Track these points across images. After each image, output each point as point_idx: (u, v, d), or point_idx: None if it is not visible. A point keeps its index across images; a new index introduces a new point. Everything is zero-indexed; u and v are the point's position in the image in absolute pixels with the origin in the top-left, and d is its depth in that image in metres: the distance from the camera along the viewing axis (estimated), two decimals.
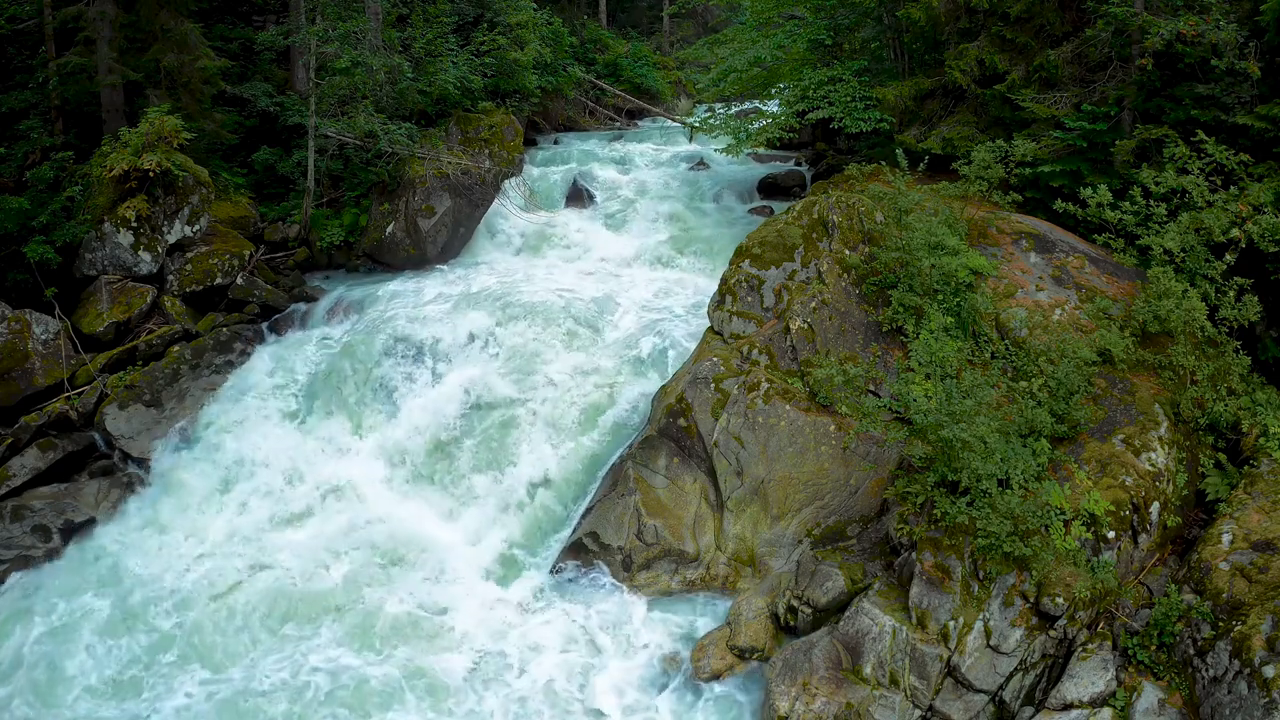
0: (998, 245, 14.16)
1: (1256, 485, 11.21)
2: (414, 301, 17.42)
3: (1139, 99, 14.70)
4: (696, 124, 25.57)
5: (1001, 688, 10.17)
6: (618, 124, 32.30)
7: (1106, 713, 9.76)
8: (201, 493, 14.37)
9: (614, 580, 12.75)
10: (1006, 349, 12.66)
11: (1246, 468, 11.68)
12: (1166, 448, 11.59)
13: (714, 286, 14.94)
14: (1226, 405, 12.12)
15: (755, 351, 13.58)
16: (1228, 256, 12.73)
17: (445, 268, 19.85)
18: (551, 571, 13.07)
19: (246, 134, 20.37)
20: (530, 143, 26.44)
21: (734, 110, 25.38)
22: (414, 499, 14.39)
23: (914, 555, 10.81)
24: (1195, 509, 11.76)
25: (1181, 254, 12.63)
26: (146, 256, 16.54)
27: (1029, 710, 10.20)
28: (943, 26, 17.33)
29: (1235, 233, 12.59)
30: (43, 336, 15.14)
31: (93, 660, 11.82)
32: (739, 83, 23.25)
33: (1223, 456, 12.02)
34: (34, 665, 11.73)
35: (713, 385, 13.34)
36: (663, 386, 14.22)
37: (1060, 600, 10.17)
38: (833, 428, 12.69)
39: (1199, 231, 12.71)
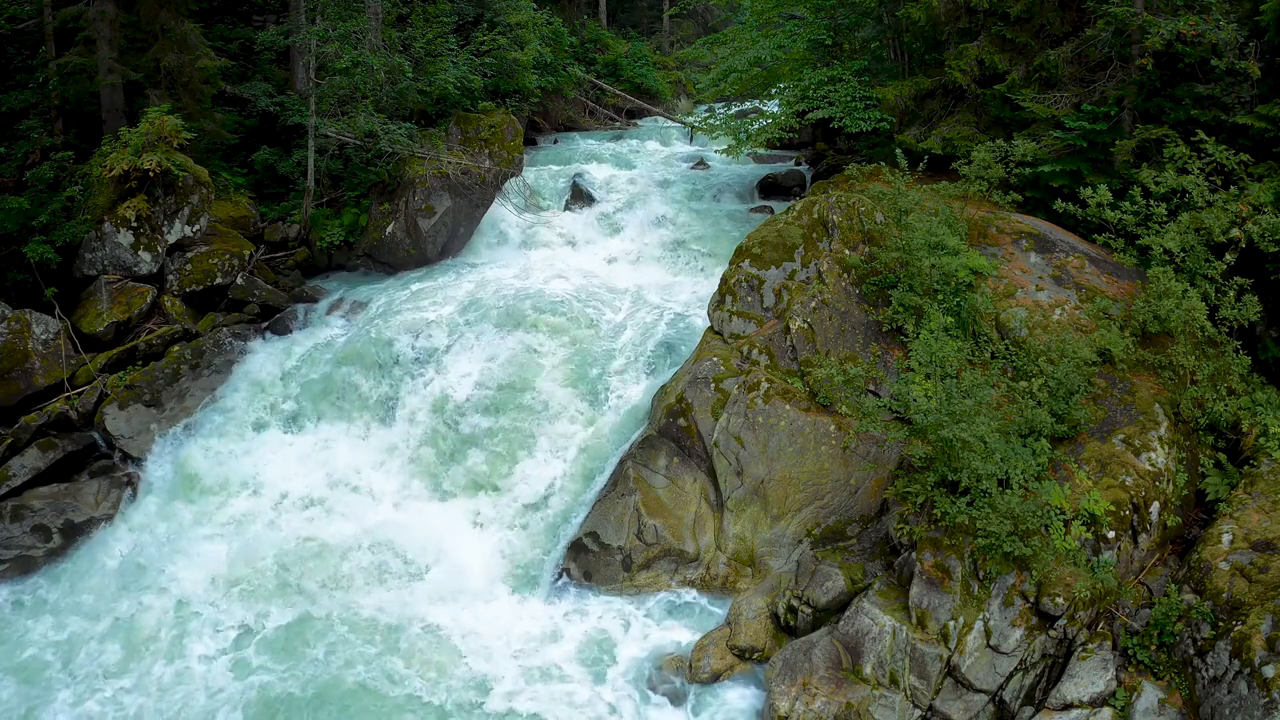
0: (998, 245, 14.17)
1: (1256, 485, 11.21)
2: (414, 301, 17.40)
3: (1139, 99, 14.70)
4: (696, 124, 25.59)
5: (1001, 688, 10.17)
6: (618, 124, 32.30)
7: (1106, 713, 9.76)
8: (200, 493, 14.37)
9: (613, 582, 12.77)
10: (1006, 349, 12.66)
11: (1246, 468, 11.68)
12: (1166, 448, 11.59)
13: (713, 286, 14.94)
14: (1226, 405, 12.12)
15: (755, 351, 13.58)
16: (1228, 256, 12.74)
17: (445, 267, 19.82)
18: (556, 572, 13.07)
19: (246, 134, 20.37)
20: (530, 143, 26.45)
21: (734, 110, 25.40)
22: (414, 500, 14.40)
23: (914, 555, 10.81)
24: (1195, 509, 11.76)
25: (1181, 254, 12.63)
26: (146, 256, 16.54)
27: (1029, 710, 10.20)
28: (943, 26, 17.34)
29: (1235, 233, 12.59)
30: (43, 336, 15.13)
31: None
32: (739, 83, 23.24)
33: (1223, 456, 12.02)
34: None
35: (713, 385, 13.34)
36: (662, 386, 14.22)
37: (1060, 600, 10.17)
38: (833, 428, 12.69)
39: (1199, 231, 12.71)
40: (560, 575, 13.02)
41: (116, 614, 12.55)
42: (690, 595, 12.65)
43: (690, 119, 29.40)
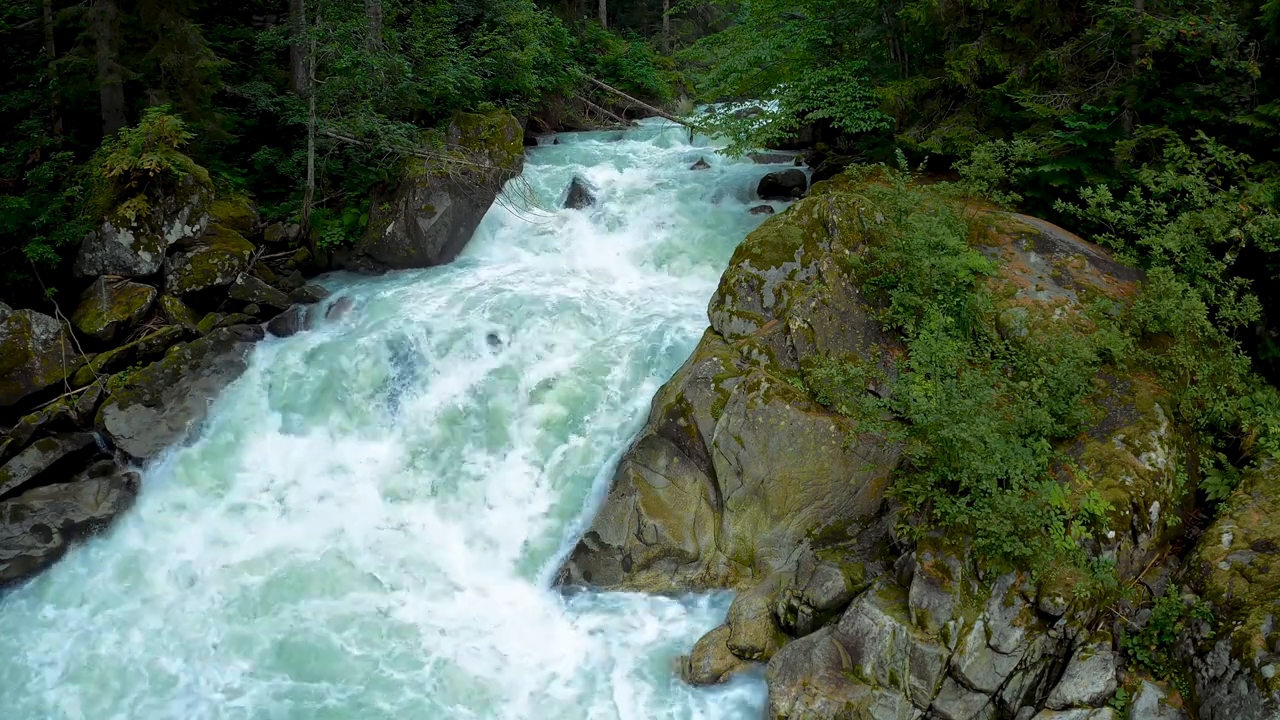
0: (998, 245, 14.17)
1: (1256, 485, 11.22)
2: (414, 301, 17.41)
3: (1139, 99, 14.71)
4: (696, 124, 25.58)
5: (1001, 688, 10.17)
6: (618, 124, 32.29)
7: (1106, 713, 9.76)
8: (199, 494, 14.36)
9: (614, 582, 12.76)
10: (1006, 349, 12.67)
11: (1246, 468, 11.69)
12: (1166, 448, 11.59)
13: (713, 286, 14.94)
14: (1226, 405, 12.13)
15: (755, 351, 13.59)
16: (1228, 256, 12.74)
17: (445, 267, 19.82)
18: (555, 576, 13.07)
19: (246, 134, 20.36)
20: (530, 143, 26.44)
21: (734, 110, 25.39)
22: (414, 502, 14.39)
23: (914, 555, 10.81)
24: (1195, 509, 11.77)
25: (1181, 254, 12.63)
26: (146, 256, 16.53)
27: (1029, 710, 10.20)
28: (943, 26, 17.34)
29: (1235, 233, 12.60)
30: (43, 336, 15.13)
31: None
32: (739, 83, 23.24)
33: (1223, 456, 12.02)
34: None
35: (713, 385, 13.34)
36: (662, 386, 14.22)
37: (1060, 600, 10.17)
38: (833, 428, 12.69)
39: (1199, 231, 12.72)
40: (560, 575, 13.02)
41: (111, 637, 12.24)
42: (690, 595, 12.64)
43: (690, 119, 29.37)
